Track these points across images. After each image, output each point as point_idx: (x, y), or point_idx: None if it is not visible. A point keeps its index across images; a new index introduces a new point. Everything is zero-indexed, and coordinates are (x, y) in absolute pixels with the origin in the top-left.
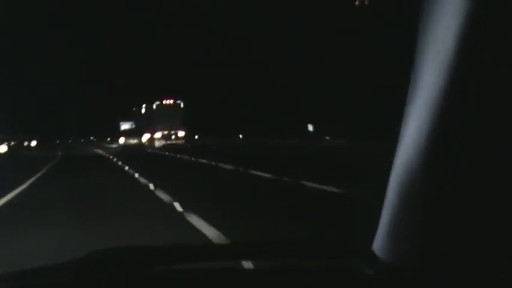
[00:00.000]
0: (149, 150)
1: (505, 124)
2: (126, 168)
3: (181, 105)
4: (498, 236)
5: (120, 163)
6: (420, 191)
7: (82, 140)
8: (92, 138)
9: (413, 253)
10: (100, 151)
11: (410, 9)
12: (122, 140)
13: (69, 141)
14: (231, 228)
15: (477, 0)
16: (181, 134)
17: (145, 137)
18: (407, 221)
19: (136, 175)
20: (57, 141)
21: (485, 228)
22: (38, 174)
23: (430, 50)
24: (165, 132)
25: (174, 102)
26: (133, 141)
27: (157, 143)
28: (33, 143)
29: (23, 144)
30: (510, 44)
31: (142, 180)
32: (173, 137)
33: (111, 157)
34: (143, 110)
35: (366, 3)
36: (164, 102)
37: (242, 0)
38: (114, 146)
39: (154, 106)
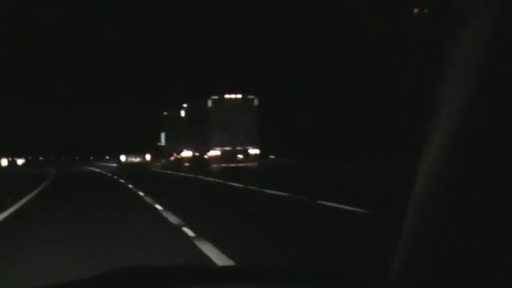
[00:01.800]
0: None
1: (505, 124)
2: None
3: (255, 102)
4: (498, 236)
5: None
6: (442, 216)
7: (91, 158)
8: (107, 157)
9: (424, 269)
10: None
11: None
12: (123, 158)
13: (76, 158)
14: None
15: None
16: (253, 151)
17: (149, 155)
18: (427, 249)
19: None
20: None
21: (485, 228)
22: None
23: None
24: (227, 149)
25: (244, 97)
26: (136, 159)
27: (214, 166)
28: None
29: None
30: None
31: None
32: (240, 156)
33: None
34: (183, 113)
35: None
36: (227, 96)
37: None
38: (115, 165)
39: (209, 103)
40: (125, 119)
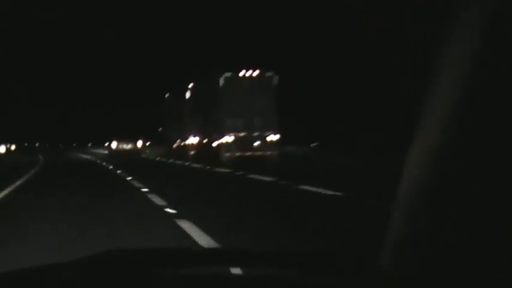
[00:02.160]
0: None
1: (505, 124)
2: None
3: (274, 80)
4: (498, 236)
5: None
6: (429, 201)
7: (89, 145)
8: (105, 145)
9: (421, 265)
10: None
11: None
12: (113, 145)
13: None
14: None
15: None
16: (272, 137)
17: (141, 143)
18: (416, 232)
19: None
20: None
21: (485, 228)
22: None
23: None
24: (242, 135)
25: (261, 74)
26: (127, 146)
27: (226, 154)
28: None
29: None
30: None
31: None
32: (257, 143)
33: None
34: (188, 94)
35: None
36: (242, 74)
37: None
38: (105, 152)
39: (221, 81)
40: (124, 119)
